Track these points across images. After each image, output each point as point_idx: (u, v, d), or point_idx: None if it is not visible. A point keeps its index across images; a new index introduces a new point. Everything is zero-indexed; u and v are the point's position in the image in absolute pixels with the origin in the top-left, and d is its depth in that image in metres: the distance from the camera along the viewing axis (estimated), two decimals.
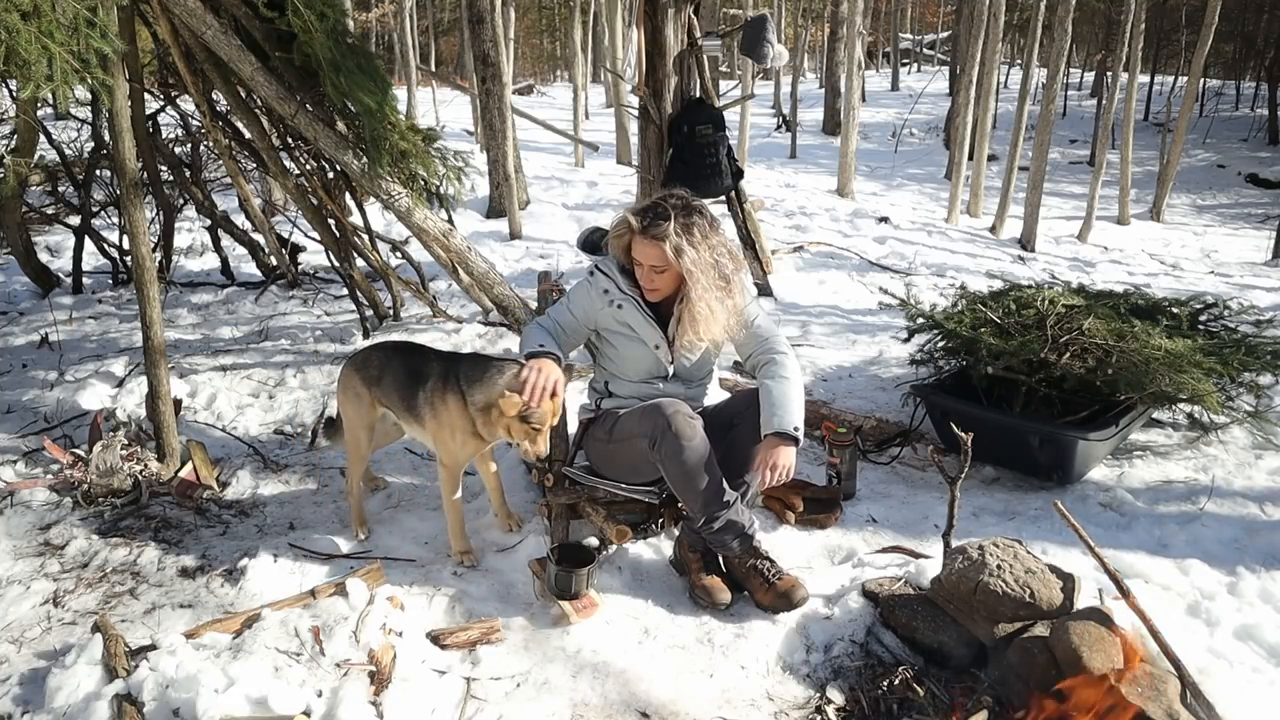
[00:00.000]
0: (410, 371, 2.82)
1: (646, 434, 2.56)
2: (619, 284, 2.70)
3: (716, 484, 2.54)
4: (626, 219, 2.59)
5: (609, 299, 2.71)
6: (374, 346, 3.06)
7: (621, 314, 2.71)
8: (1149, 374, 3.29)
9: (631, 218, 2.58)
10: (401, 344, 3.10)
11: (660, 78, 5.26)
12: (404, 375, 2.83)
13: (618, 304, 2.70)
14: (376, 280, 5.46)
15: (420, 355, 2.90)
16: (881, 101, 22.83)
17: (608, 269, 2.72)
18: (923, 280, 6.87)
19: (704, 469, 2.51)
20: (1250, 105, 21.63)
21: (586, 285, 2.77)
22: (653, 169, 5.51)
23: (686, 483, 2.53)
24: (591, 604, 2.55)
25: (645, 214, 2.56)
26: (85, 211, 5.59)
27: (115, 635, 2.28)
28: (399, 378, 2.85)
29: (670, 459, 2.51)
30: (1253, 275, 8.58)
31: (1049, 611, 2.24)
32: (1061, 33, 9.09)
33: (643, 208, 2.61)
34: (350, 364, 3.01)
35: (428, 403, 2.73)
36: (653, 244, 2.53)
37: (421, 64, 17.72)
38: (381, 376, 2.90)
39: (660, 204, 2.57)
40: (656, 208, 2.56)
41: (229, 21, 3.85)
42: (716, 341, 2.73)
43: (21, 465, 3.45)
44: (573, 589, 2.52)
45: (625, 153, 12.07)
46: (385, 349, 3.02)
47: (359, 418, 2.98)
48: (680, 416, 2.52)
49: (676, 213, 2.52)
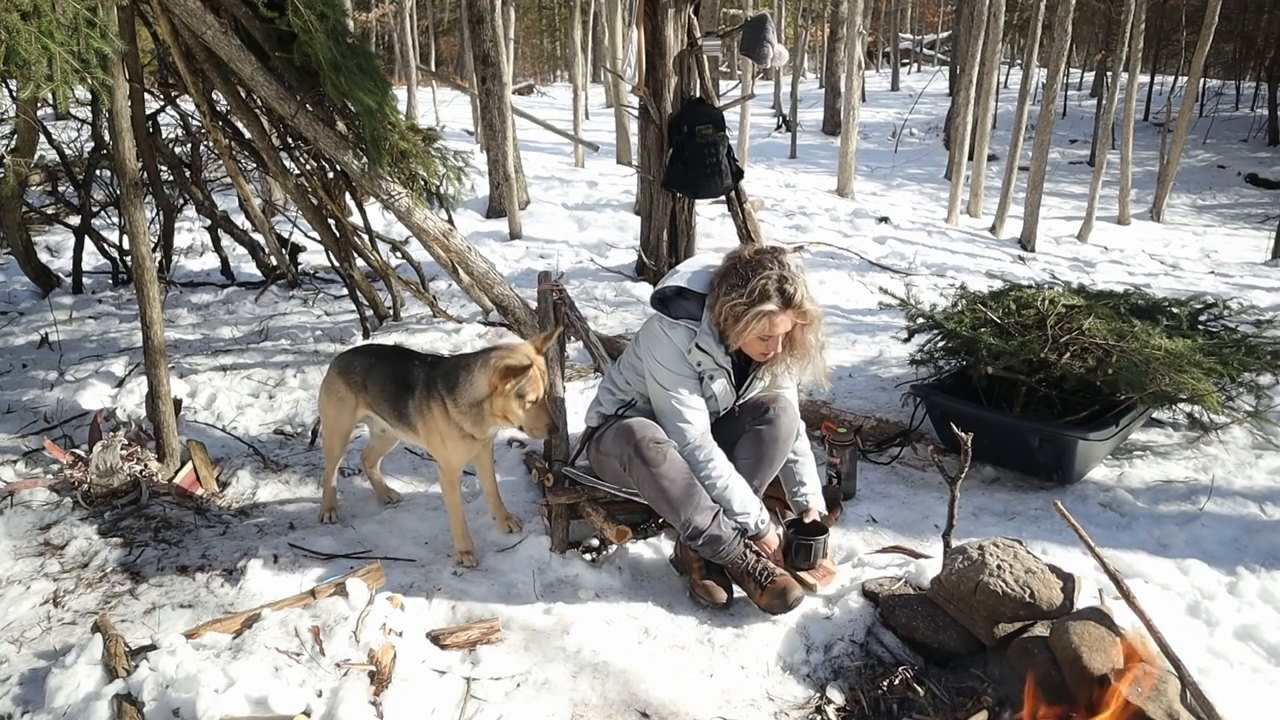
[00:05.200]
0: (398, 381, 2.81)
1: (617, 456, 2.63)
2: (716, 359, 2.60)
3: (694, 503, 2.54)
4: (761, 310, 2.43)
5: (700, 370, 2.62)
6: (356, 352, 3.08)
7: (709, 383, 2.65)
8: (1149, 374, 3.29)
9: (767, 306, 2.43)
10: (385, 349, 3.07)
11: (660, 78, 5.26)
12: (392, 385, 2.83)
13: (710, 375, 2.63)
14: (376, 280, 5.46)
15: (404, 363, 2.87)
16: (881, 101, 22.84)
17: (706, 345, 2.57)
18: (923, 280, 6.87)
19: (677, 492, 2.52)
20: (1250, 105, 21.66)
21: (679, 354, 2.59)
22: (653, 169, 5.51)
23: (660, 505, 2.58)
24: (828, 572, 2.69)
25: (770, 295, 2.43)
26: (85, 211, 5.59)
27: (115, 635, 2.28)
28: (387, 387, 2.85)
29: (642, 483, 2.58)
30: (1253, 275, 8.58)
31: (1049, 611, 2.24)
32: (1061, 33, 9.09)
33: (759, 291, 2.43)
34: (334, 367, 3.02)
35: (418, 412, 2.74)
36: (797, 313, 2.50)
37: (421, 64, 17.71)
38: (367, 383, 2.91)
39: (769, 274, 2.44)
40: (774, 281, 2.44)
41: (229, 21, 3.85)
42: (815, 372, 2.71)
43: (21, 465, 3.45)
44: (812, 558, 2.63)
45: (625, 153, 12.07)
46: (368, 354, 3.01)
47: (338, 421, 3.02)
48: (647, 444, 2.53)
49: (791, 271, 2.48)
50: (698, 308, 2.58)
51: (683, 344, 2.58)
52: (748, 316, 2.45)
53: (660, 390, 2.62)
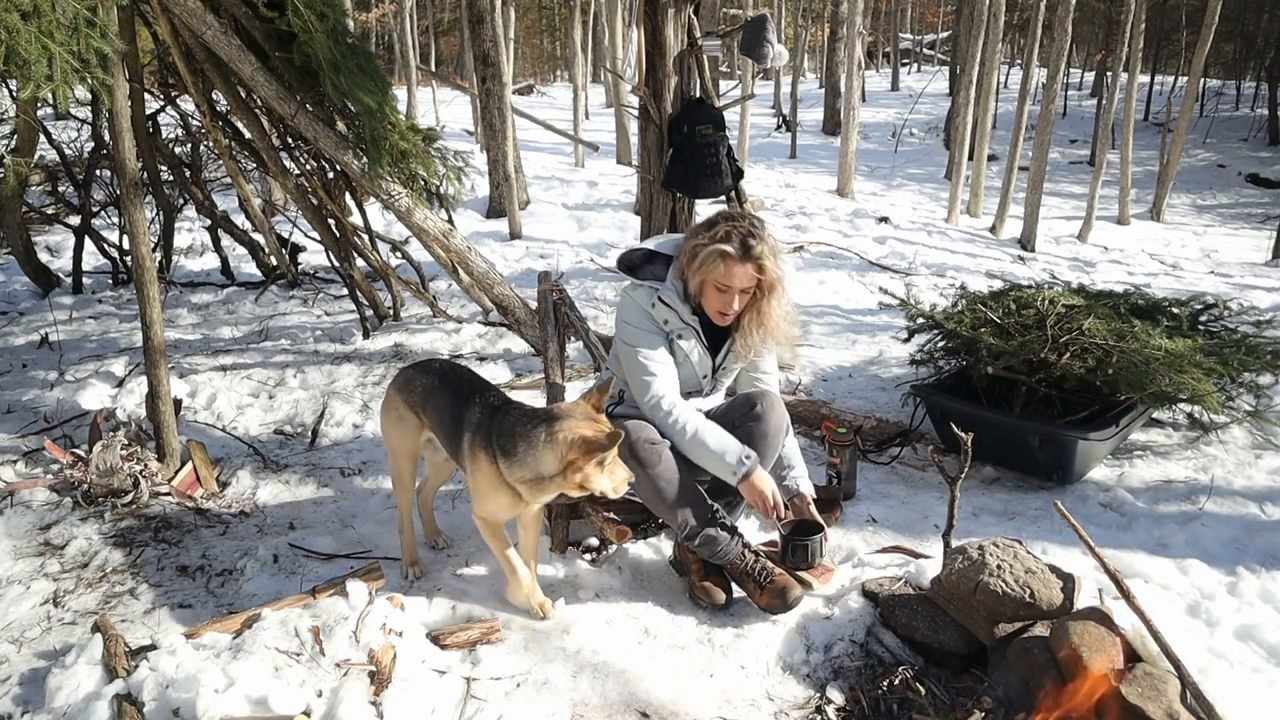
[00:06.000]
0: (454, 416, 2.52)
1: None
2: (681, 315, 2.60)
3: (690, 503, 2.54)
4: (719, 249, 2.43)
5: (668, 329, 2.61)
6: (418, 369, 2.75)
7: (681, 343, 2.63)
8: (1149, 374, 3.29)
9: (725, 246, 2.44)
10: (448, 371, 2.71)
11: (660, 78, 5.25)
12: (448, 418, 2.55)
13: (678, 334, 2.61)
14: (376, 280, 5.46)
15: (465, 397, 2.54)
16: (881, 101, 22.84)
17: (670, 299, 2.57)
18: (923, 280, 6.87)
19: (673, 492, 2.51)
20: (1250, 105, 21.66)
21: (644, 312, 2.60)
22: (653, 169, 5.51)
23: (657, 505, 2.56)
24: (827, 570, 2.69)
25: (730, 239, 2.45)
26: (85, 211, 5.59)
27: (115, 635, 2.28)
28: (444, 418, 2.57)
29: (638, 484, 2.54)
30: (1253, 275, 8.58)
31: (1049, 611, 2.24)
32: (1061, 33, 9.10)
33: (720, 234, 2.45)
34: (393, 385, 2.75)
35: (469, 456, 2.45)
36: (753, 266, 2.46)
37: (421, 64, 17.71)
38: (427, 405, 2.63)
39: (737, 224, 2.47)
40: (734, 229, 2.46)
41: (229, 21, 3.85)
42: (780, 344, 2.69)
43: (21, 465, 3.46)
44: (810, 558, 2.61)
45: (625, 153, 12.07)
46: (430, 373, 2.69)
47: (402, 442, 2.71)
48: (641, 445, 2.51)
49: (756, 230, 2.48)
50: (664, 270, 2.61)
51: (645, 301, 2.60)
52: (705, 253, 2.46)
53: (626, 349, 2.62)
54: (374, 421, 4.00)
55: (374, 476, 3.51)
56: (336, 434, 3.91)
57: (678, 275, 2.57)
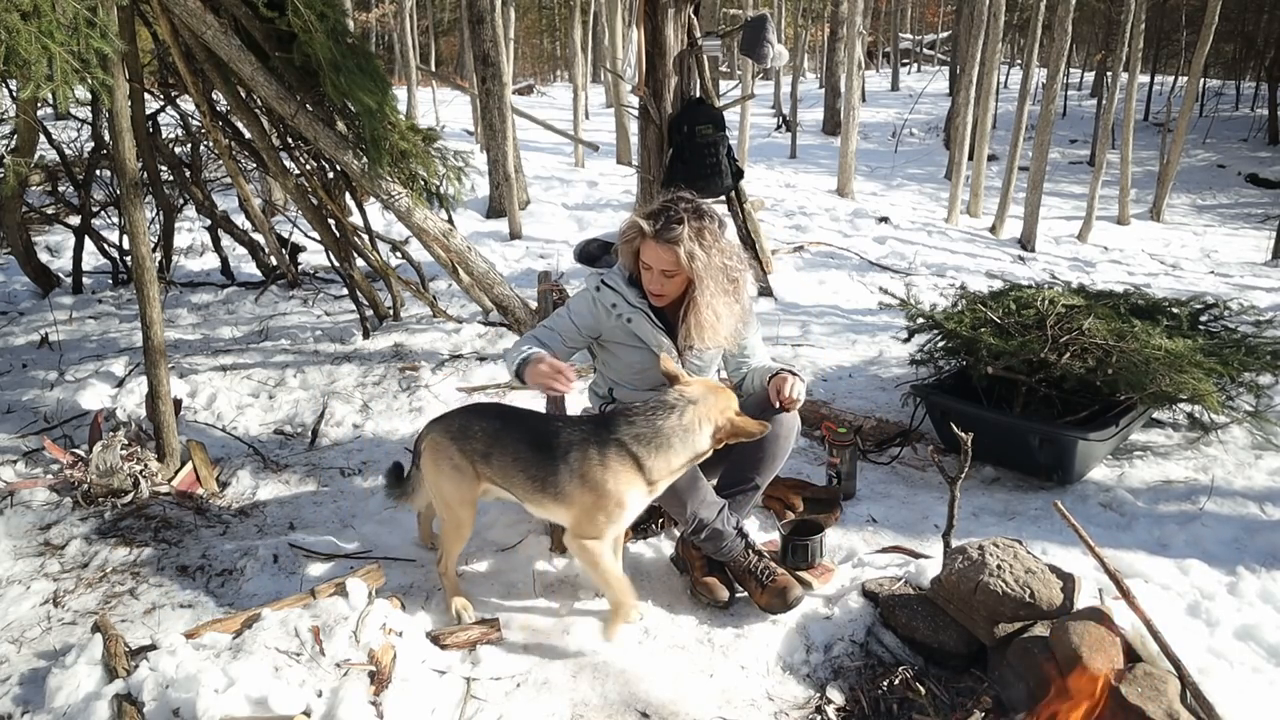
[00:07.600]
0: (534, 445, 2.40)
1: None
2: (627, 298, 2.62)
3: (699, 498, 2.54)
4: (638, 223, 2.51)
5: (617, 313, 2.62)
6: (471, 413, 2.61)
7: (631, 327, 2.63)
8: (1149, 374, 3.29)
9: (643, 221, 2.49)
10: (502, 410, 2.69)
11: (660, 78, 5.26)
12: (526, 449, 2.40)
13: (627, 318, 2.62)
14: (376, 280, 5.46)
15: (535, 423, 2.48)
16: (881, 101, 22.84)
17: (614, 283, 2.63)
18: (923, 280, 6.87)
19: (682, 484, 2.50)
20: (1250, 105, 21.66)
21: (590, 298, 2.66)
22: (653, 169, 5.51)
23: (666, 499, 2.54)
24: (827, 570, 2.71)
25: (657, 217, 2.48)
26: (85, 211, 5.59)
27: (115, 635, 2.28)
28: (520, 453, 2.41)
29: None
30: (1253, 275, 8.58)
31: (1049, 611, 2.24)
32: (1061, 33, 9.09)
33: (654, 211, 2.52)
34: (442, 432, 2.53)
35: (578, 476, 2.31)
36: (666, 248, 2.46)
37: (421, 64, 17.71)
38: (490, 453, 2.45)
39: (671, 207, 2.50)
40: (668, 211, 2.49)
41: (229, 21, 3.85)
42: (722, 346, 2.67)
43: (21, 465, 3.45)
44: (810, 559, 2.68)
45: (625, 153, 12.07)
46: (486, 416, 2.57)
47: (460, 495, 2.51)
48: None
49: (689, 216, 2.47)
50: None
51: (590, 285, 2.66)
52: (627, 224, 2.56)
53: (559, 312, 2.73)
54: (374, 421, 4.01)
55: (374, 476, 3.50)
56: (336, 434, 3.91)
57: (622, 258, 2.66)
